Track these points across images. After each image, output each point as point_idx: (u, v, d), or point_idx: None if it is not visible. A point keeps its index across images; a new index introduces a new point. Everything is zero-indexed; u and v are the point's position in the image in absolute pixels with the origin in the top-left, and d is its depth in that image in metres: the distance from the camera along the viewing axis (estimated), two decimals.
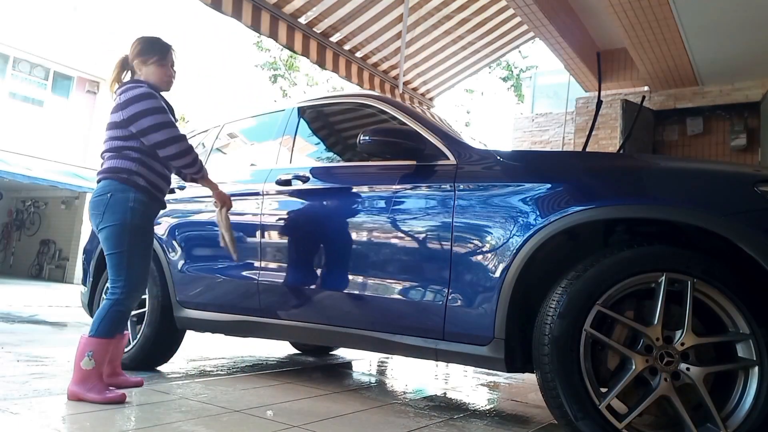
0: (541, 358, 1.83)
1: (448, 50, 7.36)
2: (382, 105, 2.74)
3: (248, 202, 2.90)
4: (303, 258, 2.67)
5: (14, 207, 15.62)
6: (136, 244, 2.34)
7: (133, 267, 2.33)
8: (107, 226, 2.31)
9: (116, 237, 2.31)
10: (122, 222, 2.30)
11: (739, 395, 1.72)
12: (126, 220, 2.31)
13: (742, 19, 5.05)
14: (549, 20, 5.60)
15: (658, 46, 5.64)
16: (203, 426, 1.96)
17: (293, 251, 2.71)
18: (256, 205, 2.86)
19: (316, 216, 2.67)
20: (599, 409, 1.74)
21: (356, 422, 2.13)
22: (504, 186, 2.13)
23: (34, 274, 14.58)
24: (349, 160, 2.89)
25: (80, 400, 2.21)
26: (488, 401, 2.86)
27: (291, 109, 3.11)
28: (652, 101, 6.92)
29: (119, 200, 2.31)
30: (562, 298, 1.82)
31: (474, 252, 2.13)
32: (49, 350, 3.77)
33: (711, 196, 1.83)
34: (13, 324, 5.24)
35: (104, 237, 2.33)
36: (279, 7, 5.52)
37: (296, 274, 2.65)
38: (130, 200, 2.32)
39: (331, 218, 2.60)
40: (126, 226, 2.31)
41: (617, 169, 2.08)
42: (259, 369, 3.40)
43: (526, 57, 14.77)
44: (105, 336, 2.28)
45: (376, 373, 3.64)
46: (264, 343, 4.55)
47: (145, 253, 2.41)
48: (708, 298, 1.77)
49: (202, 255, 3.09)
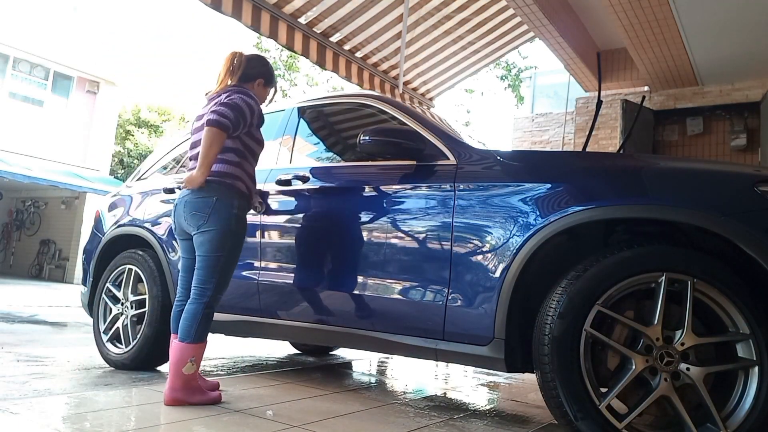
0: (541, 358, 1.83)
1: (448, 50, 7.36)
2: (382, 105, 2.74)
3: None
4: (303, 258, 2.67)
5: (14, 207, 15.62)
6: (233, 249, 2.39)
7: (226, 271, 2.37)
8: (210, 230, 2.32)
9: (218, 241, 2.32)
10: (227, 228, 2.34)
11: (739, 395, 1.72)
12: (230, 227, 2.35)
13: (742, 19, 5.05)
14: (549, 20, 5.60)
15: (658, 46, 5.64)
16: (203, 426, 1.96)
17: (293, 251, 2.71)
18: None
19: (316, 216, 2.67)
20: (599, 409, 1.74)
21: (356, 422, 2.13)
22: (504, 186, 2.13)
23: (34, 274, 14.58)
24: (349, 160, 2.89)
25: (184, 404, 2.23)
26: (488, 401, 2.86)
27: (291, 109, 3.11)
28: (652, 101, 6.92)
29: (225, 206, 2.34)
30: (562, 298, 1.82)
31: (474, 252, 2.13)
32: (49, 350, 3.77)
33: (711, 196, 1.83)
34: (13, 324, 5.24)
35: (205, 239, 2.33)
36: (279, 7, 5.52)
37: (296, 275, 2.65)
38: (234, 207, 2.37)
39: (331, 218, 2.60)
40: (229, 232, 2.35)
41: (617, 169, 2.08)
42: (259, 369, 3.40)
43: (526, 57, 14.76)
44: (202, 340, 2.32)
45: (376, 373, 3.64)
46: (264, 343, 4.55)
47: (237, 258, 2.45)
48: (708, 298, 1.77)
49: None
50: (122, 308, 3.31)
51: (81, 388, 2.66)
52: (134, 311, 3.24)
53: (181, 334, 2.28)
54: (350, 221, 2.52)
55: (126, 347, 3.21)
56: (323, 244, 2.62)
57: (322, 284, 2.55)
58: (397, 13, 6.35)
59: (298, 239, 2.70)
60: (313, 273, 2.61)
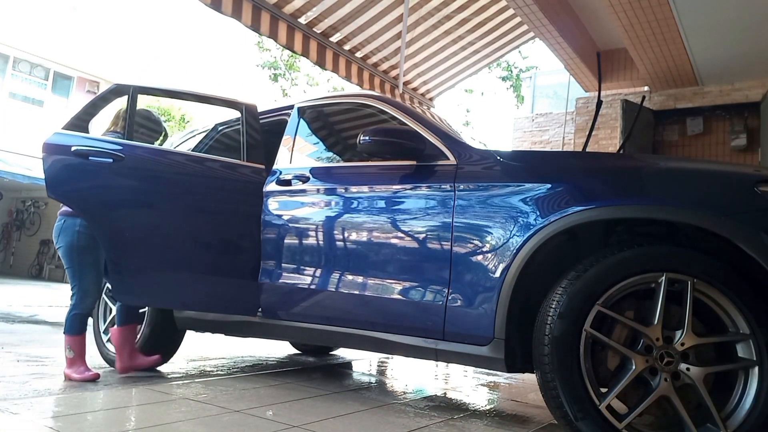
0: (541, 358, 1.83)
1: (448, 50, 7.36)
2: (382, 105, 2.74)
3: None
4: (303, 258, 2.67)
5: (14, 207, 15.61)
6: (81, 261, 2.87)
7: (80, 280, 2.87)
8: (60, 247, 2.88)
9: (66, 256, 2.87)
10: (70, 243, 2.84)
11: (739, 395, 1.72)
12: (74, 242, 2.84)
13: (742, 19, 5.05)
14: (549, 20, 5.60)
15: (658, 46, 5.64)
16: (203, 426, 1.96)
17: (293, 251, 2.70)
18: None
19: (316, 216, 2.67)
20: (599, 409, 1.73)
21: (356, 422, 2.13)
22: (504, 186, 2.13)
23: (34, 274, 14.57)
24: (349, 160, 2.89)
25: (70, 379, 2.81)
26: (488, 401, 2.86)
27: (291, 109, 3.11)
28: (652, 101, 6.92)
29: (68, 226, 2.86)
30: (562, 298, 1.82)
31: (474, 252, 2.13)
32: (49, 350, 3.77)
33: (711, 196, 1.83)
34: (13, 324, 5.24)
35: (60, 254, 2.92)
36: (279, 8, 5.52)
37: (296, 274, 2.65)
38: (77, 225, 2.83)
39: (331, 218, 2.60)
40: (74, 247, 2.84)
41: (617, 169, 2.08)
42: (259, 369, 3.40)
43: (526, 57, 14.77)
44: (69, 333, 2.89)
45: (376, 373, 3.64)
46: (264, 343, 4.55)
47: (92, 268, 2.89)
48: (708, 298, 1.77)
49: None
50: None
51: (81, 388, 2.66)
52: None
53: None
54: (350, 221, 2.52)
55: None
56: (323, 244, 2.62)
57: (323, 284, 2.55)
58: (397, 13, 6.35)
59: (298, 239, 2.70)
60: (313, 273, 2.61)
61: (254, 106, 3.09)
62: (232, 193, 2.86)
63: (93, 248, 2.86)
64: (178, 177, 2.81)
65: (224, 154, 3.04)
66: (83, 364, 2.87)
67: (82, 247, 2.84)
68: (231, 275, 2.77)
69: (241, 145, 2.94)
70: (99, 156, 2.71)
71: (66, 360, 2.88)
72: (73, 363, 2.86)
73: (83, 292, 2.86)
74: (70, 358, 2.87)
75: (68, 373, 2.85)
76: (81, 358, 2.87)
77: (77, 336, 2.87)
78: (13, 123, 13.24)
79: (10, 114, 13.37)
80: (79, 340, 2.88)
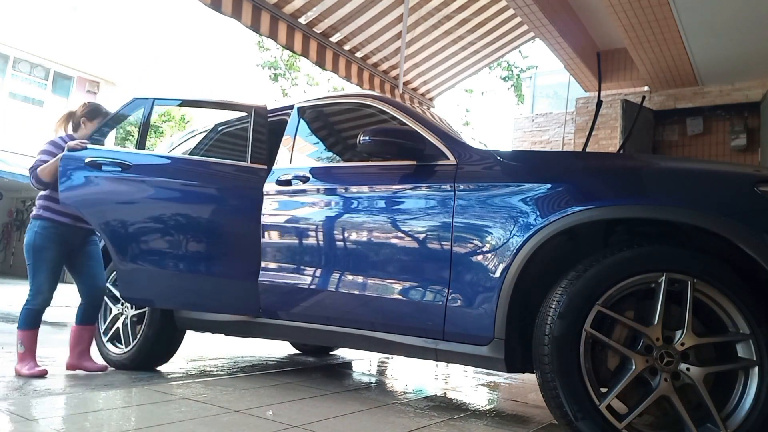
0: (541, 358, 1.83)
1: (448, 50, 7.36)
2: (382, 105, 2.74)
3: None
4: (303, 258, 2.67)
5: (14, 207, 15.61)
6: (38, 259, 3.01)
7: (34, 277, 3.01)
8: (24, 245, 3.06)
9: (26, 253, 3.02)
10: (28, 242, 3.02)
11: (739, 395, 1.72)
12: (31, 242, 3.00)
13: (742, 19, 5.05)
14: (549, 20, 5.60)
15: (658, 46, 5.64)
16: (203, 426, 1.96)
17: (293, 252, 2.70)
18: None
19: (316, 216, 2.67)
20: (599, 409, 1.73)
21: (356, 422, 2.13)
22: (504, 186, 2.13)
23: None
24: (349, 160, 2.89)
25: (20, 374, 2.84)
26: (488, 401, 2.86)
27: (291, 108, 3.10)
28: (652, 101, 6.92)
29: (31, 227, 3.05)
30: (562, 298, 1.82)
31: (474, 252, 2.13)
32: (49, 350, 3.77)
33: (711, 196, 1.83)
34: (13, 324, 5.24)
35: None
36: (279, 8, 5.52)
37: (296, 275, 2.65)
38: (35, 227, 3.01)
39: (331, 218, 2.60)
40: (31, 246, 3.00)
41: (617, 169, 2.08)
42: (259, 369, 3.40)
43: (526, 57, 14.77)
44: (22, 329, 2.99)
45: (376, 373, 3.64)
46: (264, 343, 4.55)
47: (46, 268, 3.00)
48: (708, 298, 1.77)
49: None
50: (122, 308, 3.32)
51: (81, 388, 2.66)
52: (134, 311, 3.25)
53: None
54: (350, 221, 2.52)
55: (126, 347, 3.21)
56: (323, 245, 2.62)
57: (323, 284, 2.55)
58: (397, 13, 6.35)
59: (298, 239, 2.70)
60: (313, 273, 2.61)
61: (264, 107, 3.10)
62: (236, 195, 2.88)
63: (48, 249, 2.98)
64: (184, 184, 2.92)
65: (224, 154, 3.05)
66: (33, 359, 2.90)
67: (38, 246, 2.97)
68: (232, 276, 2.79)
69: (247, 146, 2.96)
70: (111, 165, 2.99)
71: (17, 355, 2.91)
72: (24, 358, 2.89)
73: (36, 289, 2.98)
74: (20, 353, 2.90)
75: (18, 369, 2.87)
76: (31, 353, 2.91)
77: (28, 330, 2.93)
78: (13, 123, 13.24)
79: (10, 114, 13.36)
80: (31, 335, 2.94)
